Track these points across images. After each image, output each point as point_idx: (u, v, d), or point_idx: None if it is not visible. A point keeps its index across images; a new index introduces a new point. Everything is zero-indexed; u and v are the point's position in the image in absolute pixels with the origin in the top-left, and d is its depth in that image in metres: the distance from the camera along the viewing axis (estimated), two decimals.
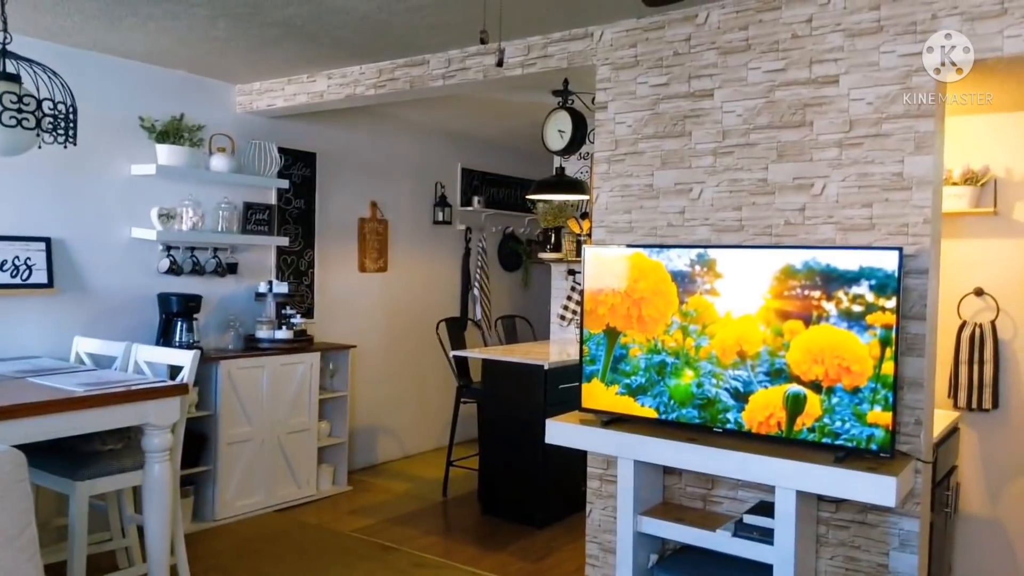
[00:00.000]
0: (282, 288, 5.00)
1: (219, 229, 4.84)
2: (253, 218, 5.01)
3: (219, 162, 4.79)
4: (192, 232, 4.65)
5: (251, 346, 4.92)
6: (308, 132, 5.54)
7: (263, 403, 4.79)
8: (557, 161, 5.05)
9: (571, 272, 5.49)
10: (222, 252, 4.91)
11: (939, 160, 2.90)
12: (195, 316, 4.60)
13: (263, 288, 5.01)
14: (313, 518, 4.80)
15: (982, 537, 3.80)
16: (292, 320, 5.04)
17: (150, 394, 3.23)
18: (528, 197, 5.30)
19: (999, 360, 3.73)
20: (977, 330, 3.75)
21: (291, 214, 5.47)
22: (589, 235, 4.96)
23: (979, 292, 3.77)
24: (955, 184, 3.67)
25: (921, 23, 2.83)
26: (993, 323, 3.73)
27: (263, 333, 4.94)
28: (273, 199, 5.27)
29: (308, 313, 5.51)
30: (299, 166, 5.50)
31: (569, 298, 5.54)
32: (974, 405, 3.76)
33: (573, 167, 5.47)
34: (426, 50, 4.11)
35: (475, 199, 6.82)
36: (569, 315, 5.50)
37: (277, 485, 4.90)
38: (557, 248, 5.54)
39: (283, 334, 4.96)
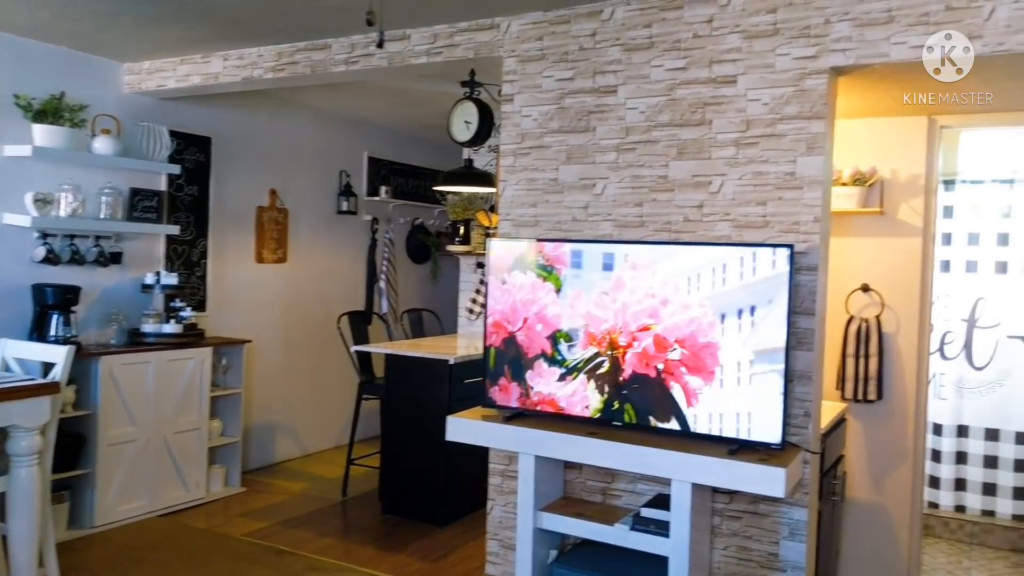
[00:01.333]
0: (171, 279, 4.77)
1: (102, 216, 4.56)
2: (140, 205, 4.75)
3: (103, 145, 4.52)
4: (71, 219, 4.37)
5: (136, 341, 4.66)
6: (203, 115, 5.30)
7: (148, 401, 4.55)
8: (466, 152, 4.99)
9: (480, 265, 5.45)
10: (105, 240, 4.64)
11: (829, 161, 2.99)
12: (73, 309, 4.33)
13: (150, 279, 4.77)
14: (202, 522, 4.60)
15: (867, 522, 3.97)
16: (182, 313, 4.82)
17: (16, 393, 3.00)
18: (435, 188, 5.23)
19: (883, 353, 3.89)
20: (863, 324, 3.90)
21: (183, 201, 5.22)
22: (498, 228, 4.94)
23: (865, 288, 3.92)
24: (845, 184, 3.80)
25: (815, 27, 2.90)
26: (878, 318, 3.89)
27: (149, 327, 4.70)
28: (163, 185, 5.01)
29: (200, 306, 5.27)
30: (192, 151, 5.26)
31: (478, 291, 5.50)
32: (860, 396, 3.91)
33: (483, 159, 5.42)
34: (328, 34, 3.97)
35: (382, 189, 6.67)
36: (478, 308, 5.45)
37: (163, 488, 4.66)
38: (466, 241, 5.49)
39: (171, 328, 4.73)
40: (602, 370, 3.04)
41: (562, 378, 3.12)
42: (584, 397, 3.08)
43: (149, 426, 4.56)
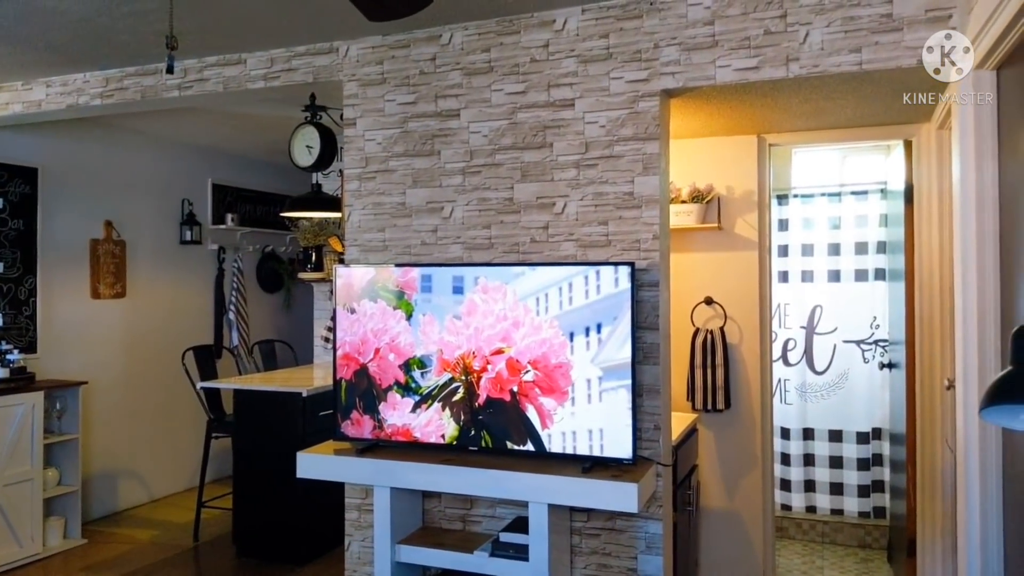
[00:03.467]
0: None
1: None
2: None
3: None
4: None
5: None
6: (27, 145, 4.93)
7: None
8: (316, 177, 4.86)
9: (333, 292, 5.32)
10: None
11: (665, 180, 3.08)
12: None
13: None
14: None
15: (723, 529, 4.09)
16: (8, 356, 4.47)
17: None
18: (282, 215, 5.07)
19: (729, 363, 4.04)
20: (709, 336, 4.04)
21: (7, 237, 4.83)
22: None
23: (709, 301, 4.07)
24: (684, 202, 3.93)
25: (645, 51, 3.00)
26: (722, 329, 4.04)
27: None
28: None
29: (30, 347, 4.89)
30: (16, 183, 4.88)
31: (333, 319, 5.36)
32: (709, 406, 4.03)
33: (332, 183, 5.30)
34: (158, 59, 3.78)
35: (228, 216, 6.40)
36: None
37: None
38: (319, 267, 5.34)
39: None
40: (457, 396, 3.00)
41: (416, 408, 3.06)
42: (440, 426, 3.02)
43: None
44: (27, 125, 4.73)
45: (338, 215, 4.84)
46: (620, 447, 2.79)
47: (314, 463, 3.15)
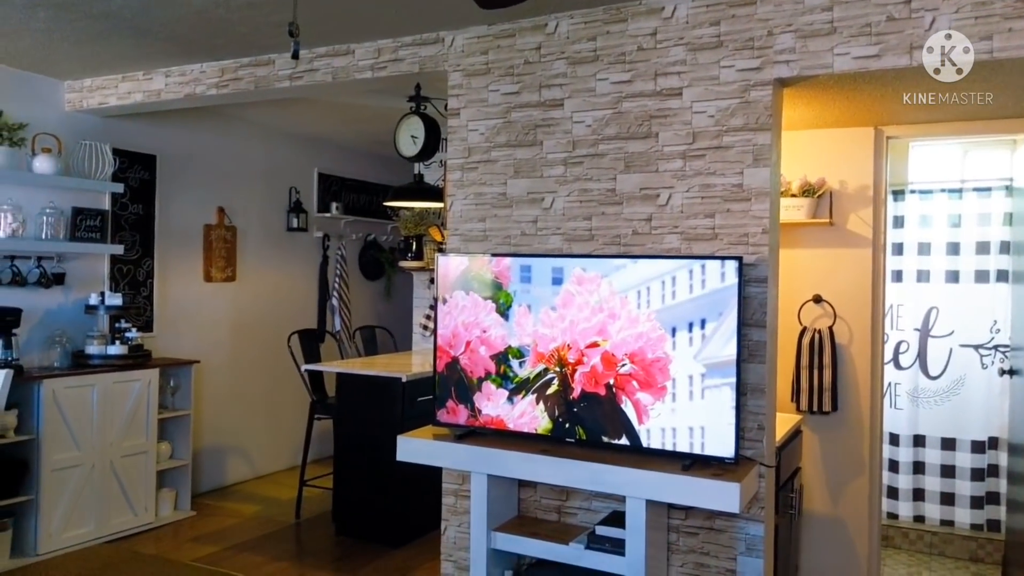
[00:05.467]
0: (115, 300, 4.64)
1: (43, 236, 4.46)
2: (83, 224, 4.63)
3: (43, 163, 4.40)
4: (11, 239, 4.26)
5: (80, 363, 4.53)
6: (147, 133, 5.18)
7: (93, 425, 4.42)
8: (417, 167, 4.94)
9: (433, 281, 5.39)
10: (47, 261, 4.51)
11: (776, 172, 2.98)
12: (14, 331, 4.20)
13: (94, 300, 4.64)
14: (151, 547, 4.46)
15: (826, 535, 3.95)
16: (127, 334, 4.69)
17: None
18: (385, 204, 5.17)
19: (837, 364, 3.89)
20: (816, 336, 3.90)
21: (127, 220, 5.09)
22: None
23: (818, 299, 3.92)
24: (794, 196, 3.80)
25: (758, 39, 2.90)
26: (831, 329, 3.89)
27: (94, 349, 4.57)
28: (107, 204, 4.89)
29: (147, 326, 5.15)
30: (137, 169, 5.14)
31: (432, 307, 5.44)
32: (815, 408, 3.90)
33: (434, 174, 5.36)
34: (271, 49, 3.90)
35: (333, 205, 6.58)
36: (432, 325, 5.39)
37: (110, 513, 4.52)
38: (419, 256, 5.43)
39: (116, 349, 4.60)
40: (551, 389, 2.99)
41: (510, 398, 3.06)
42: (533, 418, 3.02)
43: (95, 450, 4.43)
44: (146, 114, 4.95)
45: (439, 205, 4.90)
46: (722, 446, 2.72)
47: (413, 447, 3.20)
